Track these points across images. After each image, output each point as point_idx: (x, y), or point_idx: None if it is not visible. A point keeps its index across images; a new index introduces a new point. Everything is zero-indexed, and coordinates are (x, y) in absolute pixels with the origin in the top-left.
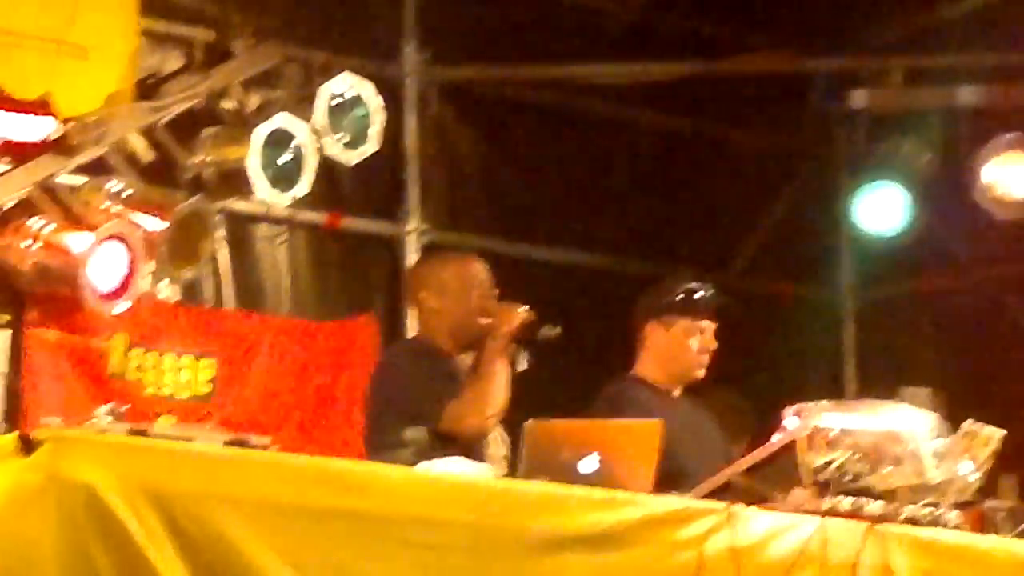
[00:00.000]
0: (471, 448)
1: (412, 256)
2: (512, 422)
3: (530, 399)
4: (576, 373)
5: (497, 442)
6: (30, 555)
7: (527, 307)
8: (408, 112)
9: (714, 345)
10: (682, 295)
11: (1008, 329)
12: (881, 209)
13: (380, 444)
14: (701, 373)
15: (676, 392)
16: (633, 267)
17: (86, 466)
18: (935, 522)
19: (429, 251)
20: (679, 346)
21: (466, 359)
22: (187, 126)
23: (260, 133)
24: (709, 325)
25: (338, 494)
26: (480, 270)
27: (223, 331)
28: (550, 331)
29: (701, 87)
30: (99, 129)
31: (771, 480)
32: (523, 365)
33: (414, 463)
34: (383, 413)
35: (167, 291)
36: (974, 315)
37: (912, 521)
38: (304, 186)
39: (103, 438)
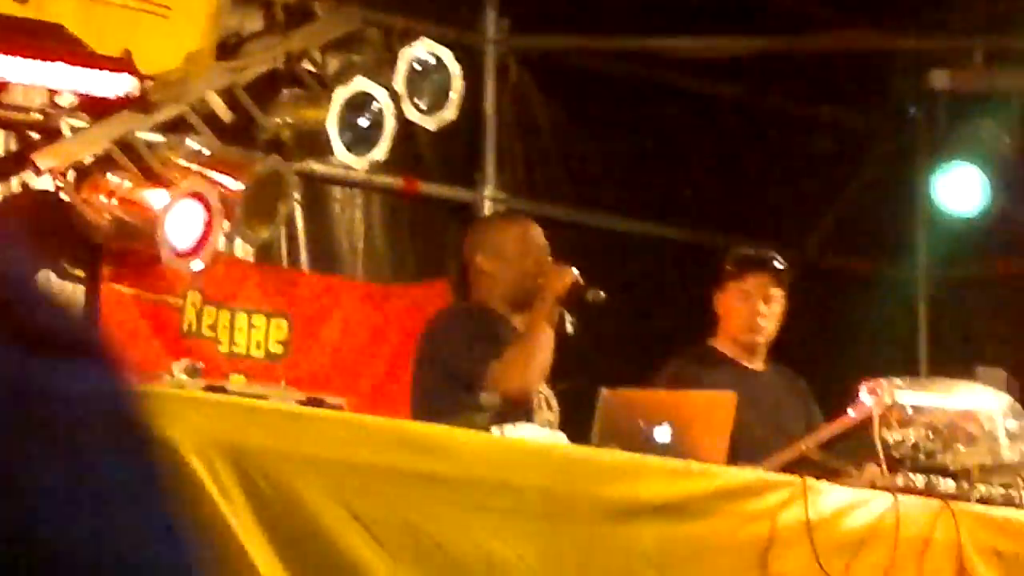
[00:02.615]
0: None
1: None
2: (586, 393)
3: (599, 369)
4: (649, 344)
5: (543, 407)
6: None
7: (575, 269)
8: (487, 79)
9: (766, 309)
10: (731, 260)
11: None
12: (959, 190)
13: (433, 409)
14: (756, 337)
15: (754, 363)
16: (708, 240)
17: (163, 420)
18: (1008, 502)
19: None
20: (731, 311)
21: (521, 321)
22: (266, 87)
23: (339, 96)
24: (760, 288)
25: (413, 456)
26: (537, 234)
27: (297, 292)
28: (596, 295)
29: (781, 63)
30: (179, 88)
31: (845, 455)
32: (570, 328)
33: (488, 427)
34: (433, 375)
35: (242, 250)
36: None
37: (985, 501)
38: (382, 150)
39: (179, 393)
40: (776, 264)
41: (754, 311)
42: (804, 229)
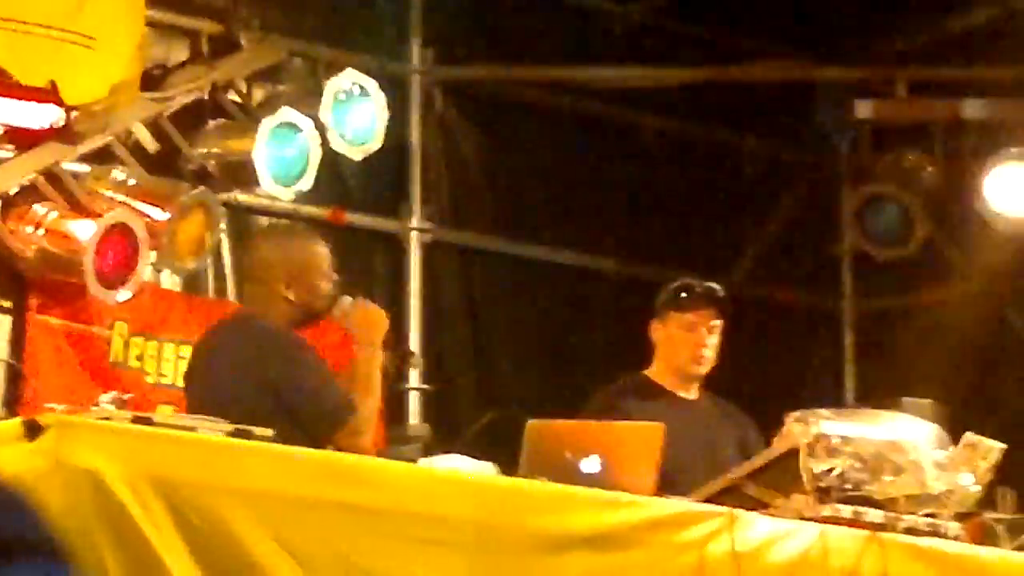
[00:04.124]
0: None
1: (414, 253)
2: (515, 424)
3: (527, 399)
4: (574, 374)
5: None
6: None
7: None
8: (412, 110)
9: (710, 340)
10: (674, 291)
11: (1008, 342)
12: (884, 220)
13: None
14: (699, 369)
15: (688, 392)
16: (633, 270)
17: (91, 452)
18: (935, 532)
19: (272, 229)
20: (673, 341)
21: None
22: (192, 117)
23: (265, 126)
24: (704, 320)
25: (341, 487)
26: (327, 251)
27: None
28: (416, 359)
29: (706, 92)
30: (104, 118)
31: (772, 486)
32: (394, 368)
33: (416, 459)
34: (300, 401)
35: (169, 281)
36: (974, 328)
37: (912, 531)
38: (308, 181)
39: (108, 425)
40: (720, 295)
41: (700, 343)
42: (729, 259)
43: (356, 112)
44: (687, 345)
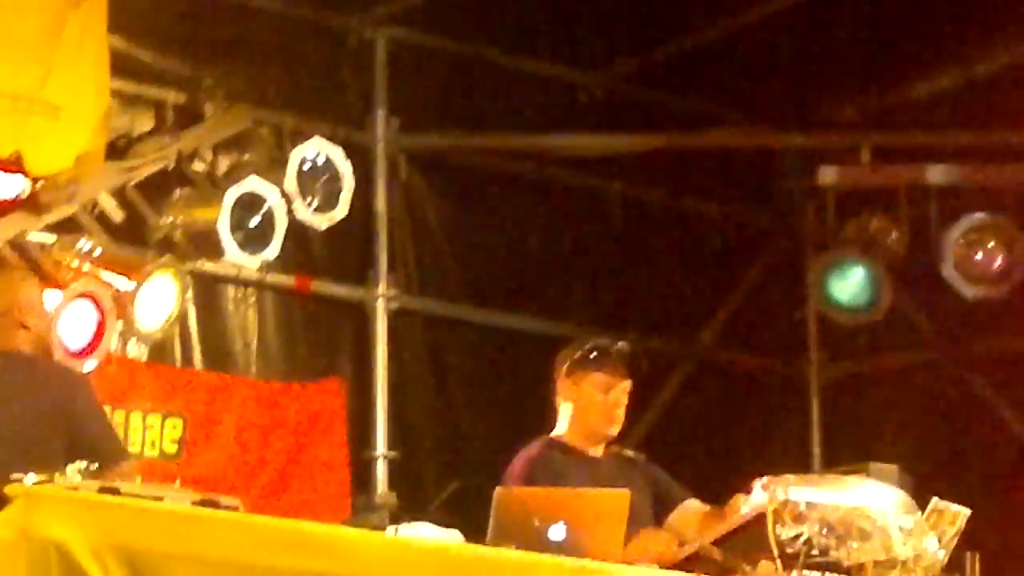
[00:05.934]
0: None
1: (380, 321)
2: (485, 491)
3: (496, 468)
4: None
5: None
6: None
7: None
8: (378, 178)
9: (623, 401)
10: (588, 351)
11: (973, 407)
12: (849, 286)
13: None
14: (614, 430)
15: (595, 451)
16: (600, 337)
17: (57, 523)
18: None
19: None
20: (587, 403)
21: None
22: (157, 187)
23: (231, 195)
24: (617, 380)
25: (307, 556)
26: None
27: (191, 391)
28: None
29: (671, 160)
30: (70, 188)
31: (739, 552)
32: None
33: (384, 526)
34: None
35: (135, 350)
36: (939, 392)
37: None
38: (274, 249)
39: (74, 495)
40: (627, 354)
41: (617, 403)
42: (696, 325)
43: (321, 181)
44: (603, 407)
